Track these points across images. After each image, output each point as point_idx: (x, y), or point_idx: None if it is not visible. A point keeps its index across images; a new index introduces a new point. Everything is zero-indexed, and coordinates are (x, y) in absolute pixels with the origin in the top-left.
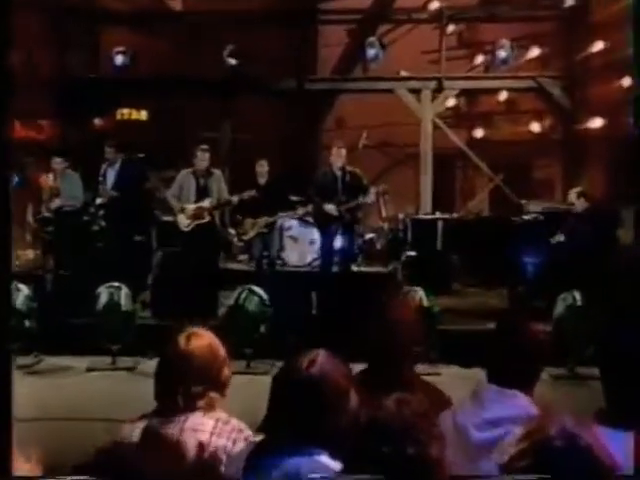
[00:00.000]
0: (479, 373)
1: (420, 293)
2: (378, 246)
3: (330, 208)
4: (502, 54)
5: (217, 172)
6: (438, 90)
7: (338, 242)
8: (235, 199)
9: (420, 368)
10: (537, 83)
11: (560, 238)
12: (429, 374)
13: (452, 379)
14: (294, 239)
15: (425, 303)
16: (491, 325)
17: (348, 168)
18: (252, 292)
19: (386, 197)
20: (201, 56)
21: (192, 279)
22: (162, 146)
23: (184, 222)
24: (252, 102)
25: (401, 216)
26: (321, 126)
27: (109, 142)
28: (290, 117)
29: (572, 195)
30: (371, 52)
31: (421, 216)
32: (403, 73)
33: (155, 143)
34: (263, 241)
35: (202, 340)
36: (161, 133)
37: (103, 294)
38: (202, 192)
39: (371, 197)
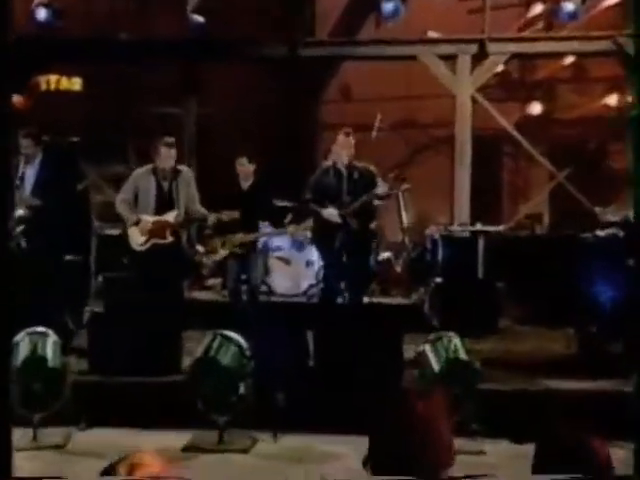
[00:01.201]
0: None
1: (455, 340)
2: (397, 268)
3: (330, 213)
4: (569, 5)
5: (186, 170)
6: (480, 56)
7: (344, 263)
8: (212, 218)
9: (457, 444)
10: (615, 44)
11: None
12: (469, 453)
13: (500, 459)
14: (284, 260)
15: (461, 354)
16: (553, 382)
17: (357, 164)
18: (227, 339)
19: (406, 196)
20: (157, 11)
21: (146, 317)
22: (103, 128)
23: (138, 239)
24: (226, 71)
25: (428, 232)
26: (320, 99)
27: (25, 131)
28: (279, 91)
29: None
30: (388, 6)
31: (456, 228)
32: (431, 34)
33: (93, 123)
34: (240, 263)
35: (148, 473)
36: (102, 109)
37: (23, 344)
38: (165, 199)
39: (382, 188)
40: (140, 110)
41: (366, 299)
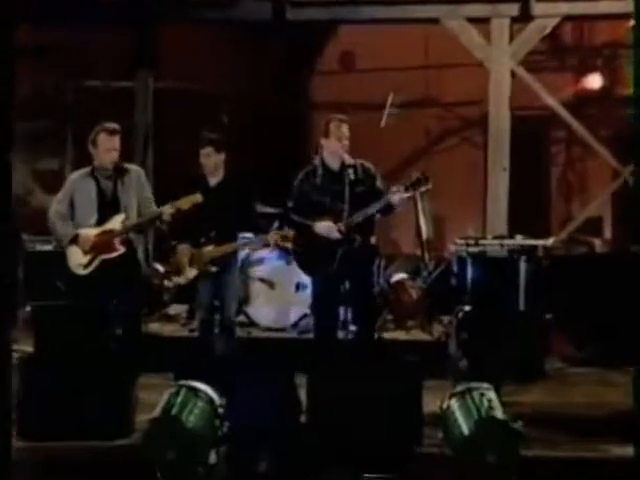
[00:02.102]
0: None
1: (489, 394)
2: (414, 294)
3: (325, 228)
4: None
5: (135, 170)
6: (522, 18)
7: (345, 287)
8: (169, 211)
9: None
10: None
11: None
12: None
13: None
14: (269, 282)
15: (497, 411)
16: (617, 447)
17: (353, 160)
18: (194, 392)
19: (426, 200)
20: None
21: (89, 360)
22: (33, 109)
23: (79, 259)
24: (190, 37)
25: (453, 247)
26: (313, 71)
27: None
28: (259, 62)
29: None
30: None
31: (489, 242)
32: None
33: (20, 104)
34: (213, 285)
35: None
36: (31, 86)
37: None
38: (110, 206)
39: (394, 198)
40: (80, 86)
41: (374, 334)
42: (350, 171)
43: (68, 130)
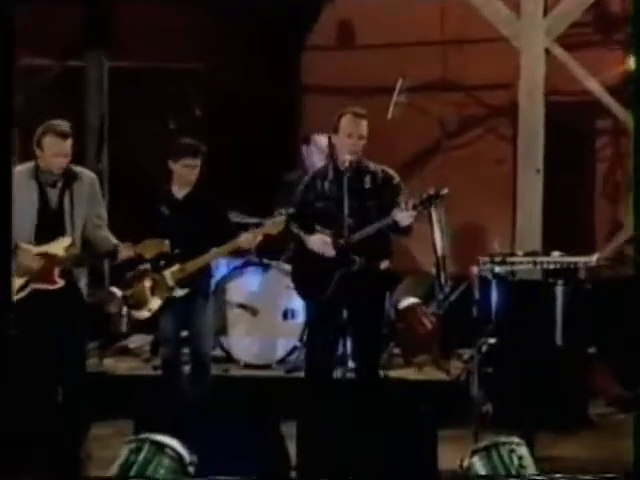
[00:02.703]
0: None
1: (519, 450)
2: (428, 322)
3: (318, 243)
4: None
5: (86, 175)
6: None
7: (343, 316)
8: (125, 253)
9: None
10: None
11: None
12: None
13: None
14: (250, 309)
15: (529, 468)
16: None
17: (370, 164)
18: (159, 447)
19: (441, 212)
20: None
21: (24, 410)
22: None
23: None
24: (152, 7)
25: (476, 269)
26: (302, 47)
27: None
28: (235, 36)
29: None
30: None
31: (520, 260)
32: None
33: None
34: (181, 312)
35: None
36: None
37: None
38: (52, 218)
39: (403, 216)
40: (22, 67)
41: (380, 372)
42: (367, 178)
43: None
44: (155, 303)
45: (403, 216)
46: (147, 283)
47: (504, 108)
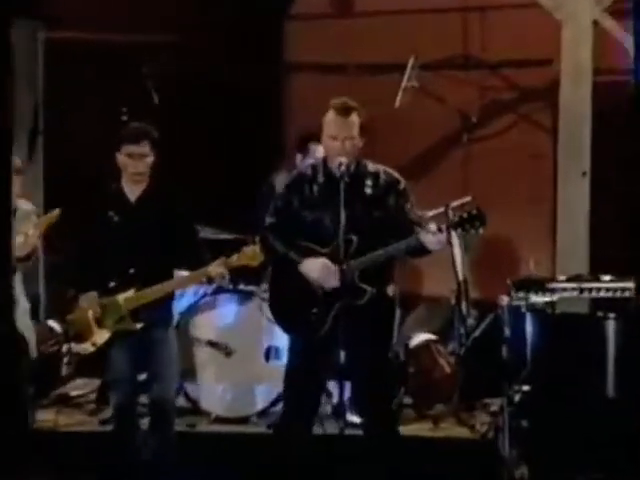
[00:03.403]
0: None
1: None
2: (446, 365)
3: (316, 269)
4: None
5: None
6: None
7: (339, 356)
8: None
9: None
10: None
11: None
12: None
13: None
14: (223, 348)
15: None
16: None
17: (373, 167)
18: None
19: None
20: None
21: None
22: None
23: None
24: None
25: (506, 298)
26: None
27: None
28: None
29: None
30: None
31: (561, 286)
32: None
33: None
34: (136, 351)
35: None
36: None
37: None
38: None
39: (434, 240)
40: None
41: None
42: (368, 182)
43: None
44: (101, 336)
45: (433, 240)
46: (92, 310)
47: (540, 91)
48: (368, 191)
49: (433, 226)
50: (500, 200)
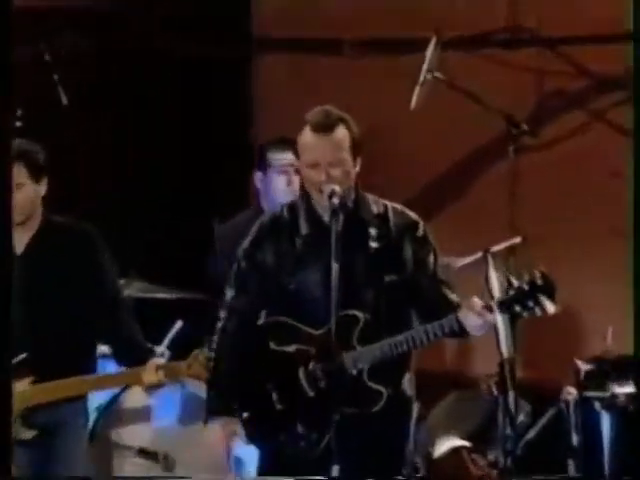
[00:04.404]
0: None
1: None
2: None
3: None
4: None
5: None
6: None
7: (330, 472)
8: None
9: None
10: None
11: None
12: None
13: None
14: (162, 458)
15: None
16: None
17: (374, 203)
18: None
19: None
20: None
21: None
22: None
23: None
24: None
25: (570, 392)
26: None
27: None
28: None
29: None
30: None
31: None
32: None
33: None
34: (33, 464)
35: None
36: None
37: None
38: None
39: (479, 323)
40: None
41: None
42: (372, 228)
43: None
44: None
45: (477, 324)
46: None
47: (621, 78)
48: (373, 244)
49: (478, 302)
50: (562, 240)
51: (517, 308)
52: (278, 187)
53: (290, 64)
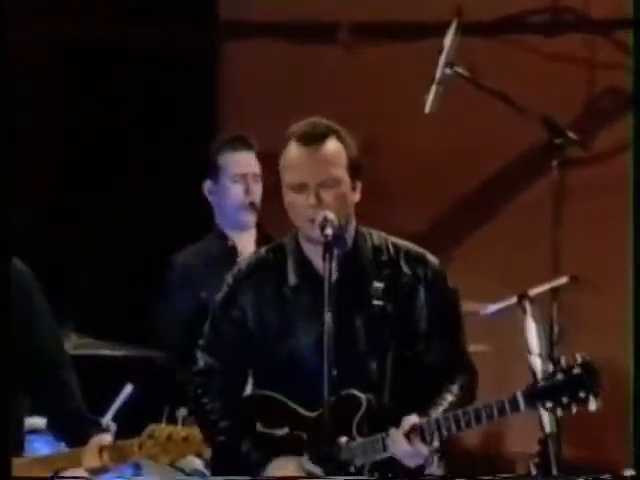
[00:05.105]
0: None
1: None
2: None
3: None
4: None
5: None
6: None
7: None
8: None
9: None
10: None
11: None
12: None
13: None
14: None
15: None
16: None
17: (369, 237)
18: None
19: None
20: None
21: None
22: None
23: None
24: None
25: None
26: None
27: None
28: None
29: None
30: None
31: None
32: None
33: None
34: None
35: None
36: None
37: None
38: None
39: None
40: None
41: None
42: (377, 285)
43: None
44: None
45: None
46: None
47: None
48: (377, 302)
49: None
50: (618, 280)
51: (551, 404)
52: (233, 199)
53: (267, 54)
